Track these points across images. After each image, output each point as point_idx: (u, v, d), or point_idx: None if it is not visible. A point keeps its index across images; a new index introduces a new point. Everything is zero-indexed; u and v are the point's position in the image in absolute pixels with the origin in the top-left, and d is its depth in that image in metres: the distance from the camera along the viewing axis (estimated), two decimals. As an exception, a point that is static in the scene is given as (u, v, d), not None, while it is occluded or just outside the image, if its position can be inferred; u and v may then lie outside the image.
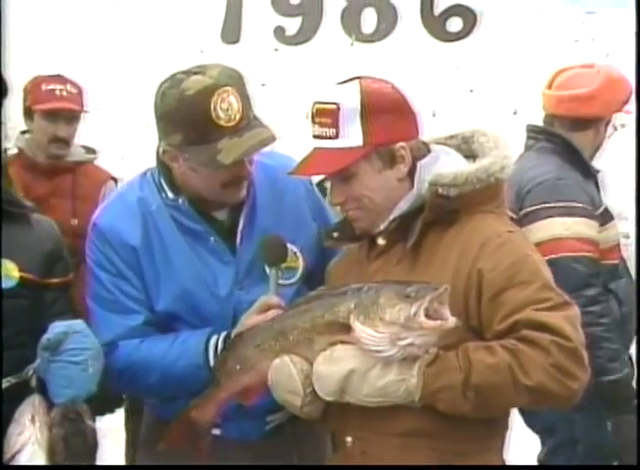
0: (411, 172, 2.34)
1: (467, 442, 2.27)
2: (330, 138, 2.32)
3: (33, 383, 2.44)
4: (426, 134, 2.43)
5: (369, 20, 5.19)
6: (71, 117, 4.14)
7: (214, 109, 2.42)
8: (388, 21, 5.13)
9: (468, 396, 2.17)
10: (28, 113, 4.13)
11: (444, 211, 2.30)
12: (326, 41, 5.22)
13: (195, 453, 2.48)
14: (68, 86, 4.16)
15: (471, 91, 4.93)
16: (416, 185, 2.33)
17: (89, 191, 4.08)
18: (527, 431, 3.56)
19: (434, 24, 5.07)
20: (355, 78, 2.36)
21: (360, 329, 2.20)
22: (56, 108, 4.08)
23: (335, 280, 2.48)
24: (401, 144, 2.32)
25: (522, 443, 3.43)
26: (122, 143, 5.31)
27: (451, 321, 2.14)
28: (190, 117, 2.43)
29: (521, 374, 2.14)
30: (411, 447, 2.26)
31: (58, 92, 4.12)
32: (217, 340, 2.51)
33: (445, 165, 2.33)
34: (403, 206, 2.33)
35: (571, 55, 4.95)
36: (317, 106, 2.34)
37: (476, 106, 4.76)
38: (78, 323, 2.49)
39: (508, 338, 2.17)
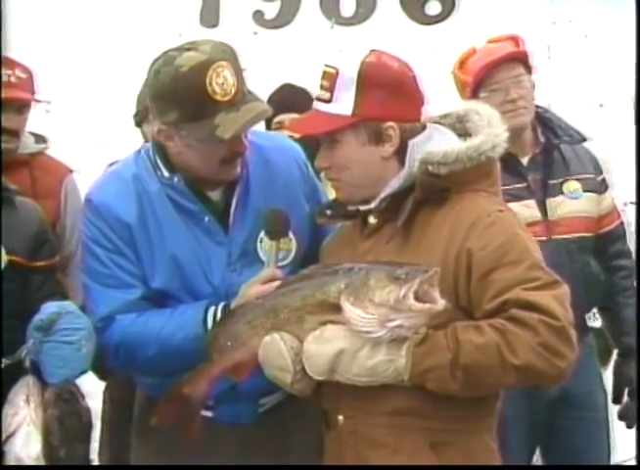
0: (402, 152, 2.34)
1: (456, 421, 2.29)
2: (325, 101, 2.35)
3: (27, 364, 2.44)
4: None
5: (348, 3, 5.15)
6: (21, 106, 3.67)
7: (210, 84, 2.41)
8: (367, 4, 5.10)
9: (456, 375, 2.18)
10: None
11: (435, 189, 2.30)
12: (305, 25, 5.18)
13: (185, 431, 2.48)
14: (17, 71, 3.68)
15: (450, 73, 4.94)
16: (407, 163, 2.33)
17: (50, 187, 3.72)
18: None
19: (413, 8, 5.05)
20: (372, 51, 2.36)
21: (350, 310, 2.21)
22: (4, 97, 3.55)
23: (328, 258, 2.49)
24: (390, 124, 2.32)
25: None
26: (101, 128, 5.27)
27: (440, 304, 2.15)
28: (185, 93, 2.42)
29: (508, 353, 2.15)
30: (401, 427, 2.28)
31: (5, 78, 3.63)
32: (216, 310, 2.51)
33: (438, 144, 2.33)
34: (395, 184, 2.33)
35: (549, 37, 4.98)
36: (323, 68, 2.37)
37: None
38: (70, 304, 2.50)
39: (497, 317, 2.18)
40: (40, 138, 3.92)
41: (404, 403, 2.27)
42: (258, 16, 5.30)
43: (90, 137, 5.14)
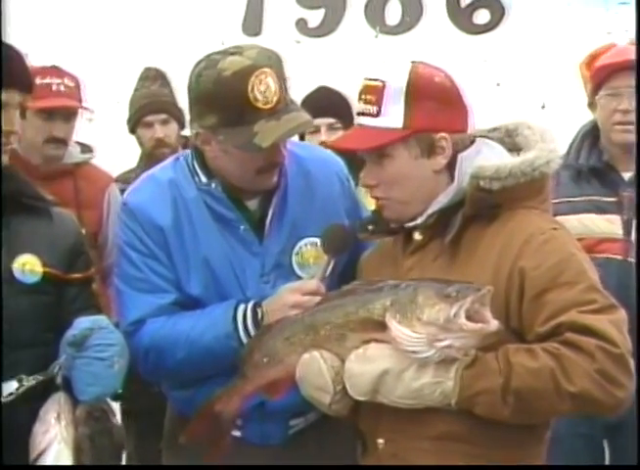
0: (451, 166, 2.27)
1: (503, 448, 2.20)
2: (371, 115, 2.27)
3: (59, 380, 2.39)
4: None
5: (393, 11, 5.09)
6: (69, 114, 3.79)
7: (252, 90, 2.37)
8: (413, 12, 5.03)
9: (507, 400, 2.09)
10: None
11: (486, 205, 2.22)
12: (349, 33, 5.12)
13: (215, 449, 2.42)
14: (66, 80, 3.81)
15: (498, 85, 4.83)
16: (457, 178, 2.26)
17: (93, 197, 3.81)
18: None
19: (461, 17, 4.96)
20: (413, 62, 2.30)
21: (396, 328, 2.12)
22: (54, 106, 3.72)
23: (367, 275, 2.42)
24: (443, 134, 2.25)
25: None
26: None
27: (493, 325, 2.06)
28: (226, 98, 2.38)
29: (564, 380, 2.06)
30: (444, 452, 2.20)
31: (55, 87, 3.76)
32: (245, 308, 2.46)
33: (487, 158, 2.26)
34: (443, 199, 2.26)
35: (604, 47, 4.86)
36: (365, 82, 2.30)
37: (503, 99, 4.67)
38: (103, 319, 2.45)
39: (551, 340, 2.10)
40: (86, 148, 4.00)
41: (449, 428, 2.18)
42: (302, 24, 5.26)
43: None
